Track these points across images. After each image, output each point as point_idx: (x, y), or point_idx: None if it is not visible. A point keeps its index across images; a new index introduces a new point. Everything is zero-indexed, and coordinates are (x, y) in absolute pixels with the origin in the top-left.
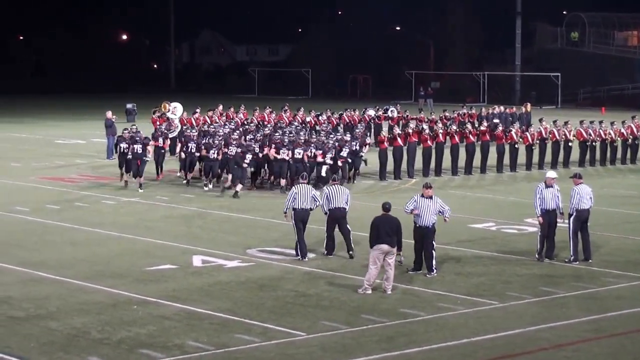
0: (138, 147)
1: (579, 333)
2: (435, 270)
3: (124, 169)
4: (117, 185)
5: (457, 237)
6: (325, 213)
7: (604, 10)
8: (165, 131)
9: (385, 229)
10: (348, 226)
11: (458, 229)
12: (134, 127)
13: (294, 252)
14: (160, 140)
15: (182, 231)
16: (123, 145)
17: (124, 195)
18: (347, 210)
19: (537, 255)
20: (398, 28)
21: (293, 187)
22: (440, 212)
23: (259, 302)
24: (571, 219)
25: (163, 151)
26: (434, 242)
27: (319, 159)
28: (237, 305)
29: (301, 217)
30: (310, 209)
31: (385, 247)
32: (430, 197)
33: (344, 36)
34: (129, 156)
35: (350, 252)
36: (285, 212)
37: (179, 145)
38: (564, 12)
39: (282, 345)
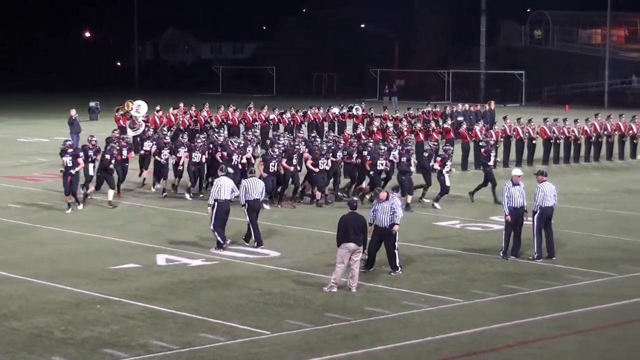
0: (68, 160)
1: (543, 330)
2: (399, 268)
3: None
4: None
5: (422, 235)
6: (243, 205)
7: (568, 8)
8: (120, 147)
9: (353, 228)
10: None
11: (423, 226)
12: (69, 142)
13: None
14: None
15: (146, 230)
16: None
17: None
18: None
19: (501, 253)
20: (363, 26)
21: (216, 180)
22: (393, 213)
23: (223, 301)
24: (535, 216)
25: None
26: (396, 243)
27: (436, 165)
28: (201, 304)
29: (225, 209)
30: (231, 201)
31: (352, 245)
32: (386, 200)
33: (309, 34)
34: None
35: (262, 246)
36: (210, 204)
37: (152, 146)
38: (528, 10)
39: (246, 344)
